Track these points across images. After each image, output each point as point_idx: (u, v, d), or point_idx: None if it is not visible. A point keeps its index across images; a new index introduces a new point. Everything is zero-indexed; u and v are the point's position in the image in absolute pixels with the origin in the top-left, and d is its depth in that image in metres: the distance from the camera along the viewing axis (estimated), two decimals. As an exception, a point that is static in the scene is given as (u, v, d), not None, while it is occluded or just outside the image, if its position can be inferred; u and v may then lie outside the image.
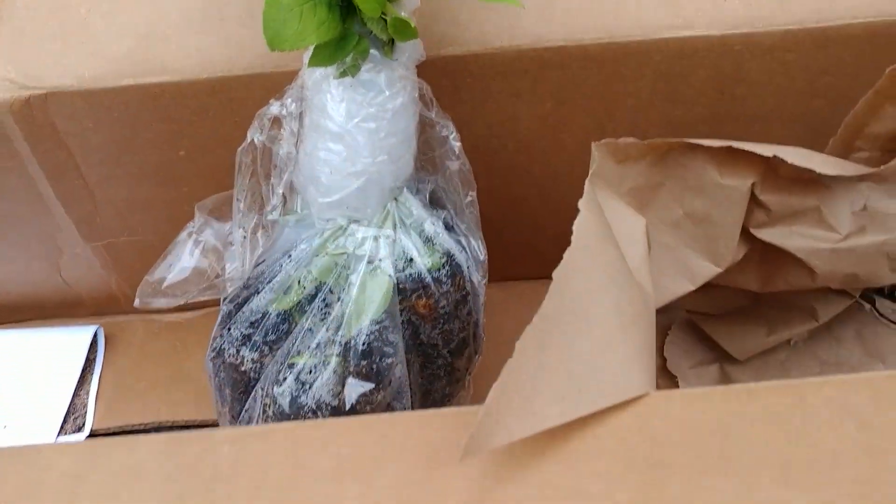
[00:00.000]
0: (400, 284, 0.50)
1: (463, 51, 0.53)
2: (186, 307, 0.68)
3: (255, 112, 0.50)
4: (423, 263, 0.51)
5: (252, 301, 0.52)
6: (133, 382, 0.64)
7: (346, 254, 0.50)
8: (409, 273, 0.50)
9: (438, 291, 0.51)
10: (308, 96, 0.49)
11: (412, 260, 0.50)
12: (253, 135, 0.50)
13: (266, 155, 0.50)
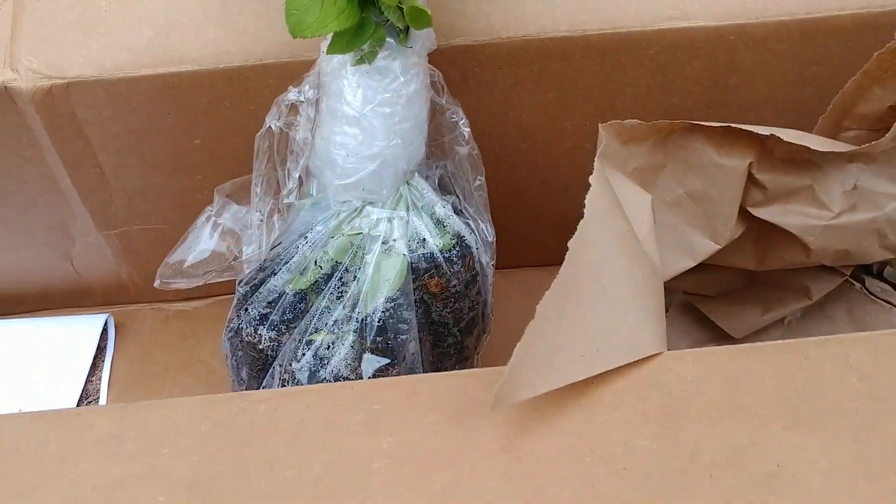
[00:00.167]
0: (413, 264, 0.52)
1: (470, 41, 0.55)
2: (193, 296, 0.70)
3: (269, 101, 0.52)
4: (435, 244, 0.53)
5: (269, 282, 0.53)
6: (144, 368, 0.66)
7: (361, 234, 0.52)
8: (422, 253, 0.52)
9: (450, 271, 0.53)
10: (325, 83, 0.51)
11: (424, 240, 0.52)
12: (271, 121, 0.52)
13: (283, 140, 0.52)
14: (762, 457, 0.36)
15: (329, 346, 0.52)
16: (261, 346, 0.54)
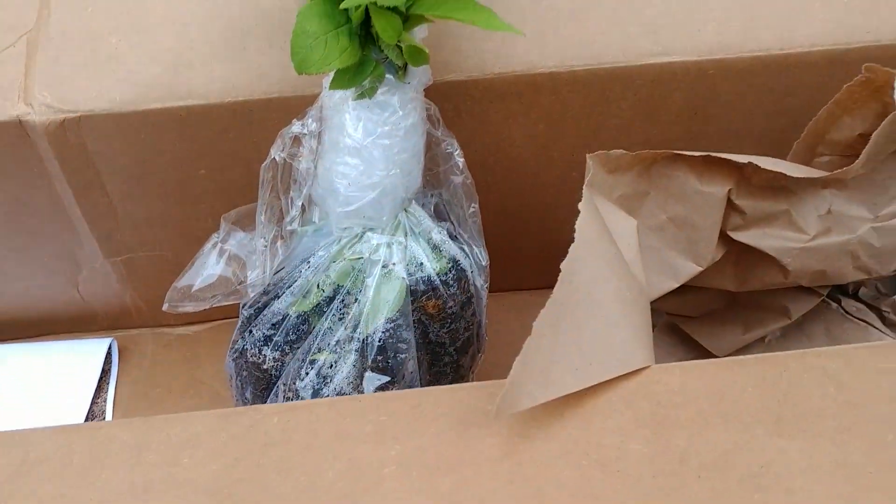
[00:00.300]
0: (411, 287, 0.55)
1: (464, 76, 0.58)
2: (194, 320, 0.72)
3: (272, 134, 0.54)
4: (432, 268, 0.55)
5: (273, 305, 0.56)
6: (148, 390, 0.68)
7: (362, 259, 0.55)
8: (420, 276, 0.55)
9: (446, 293, 0.55)
10: (327, 116, 0.54)
11: (422, 264, 0.55)
12: (275, 152, 0.54)
13: (286, 171, 0.55)
14: (747, 459, 0.38)
15: (332, 365, 0.54)
16: (265, 366, 0.56)
